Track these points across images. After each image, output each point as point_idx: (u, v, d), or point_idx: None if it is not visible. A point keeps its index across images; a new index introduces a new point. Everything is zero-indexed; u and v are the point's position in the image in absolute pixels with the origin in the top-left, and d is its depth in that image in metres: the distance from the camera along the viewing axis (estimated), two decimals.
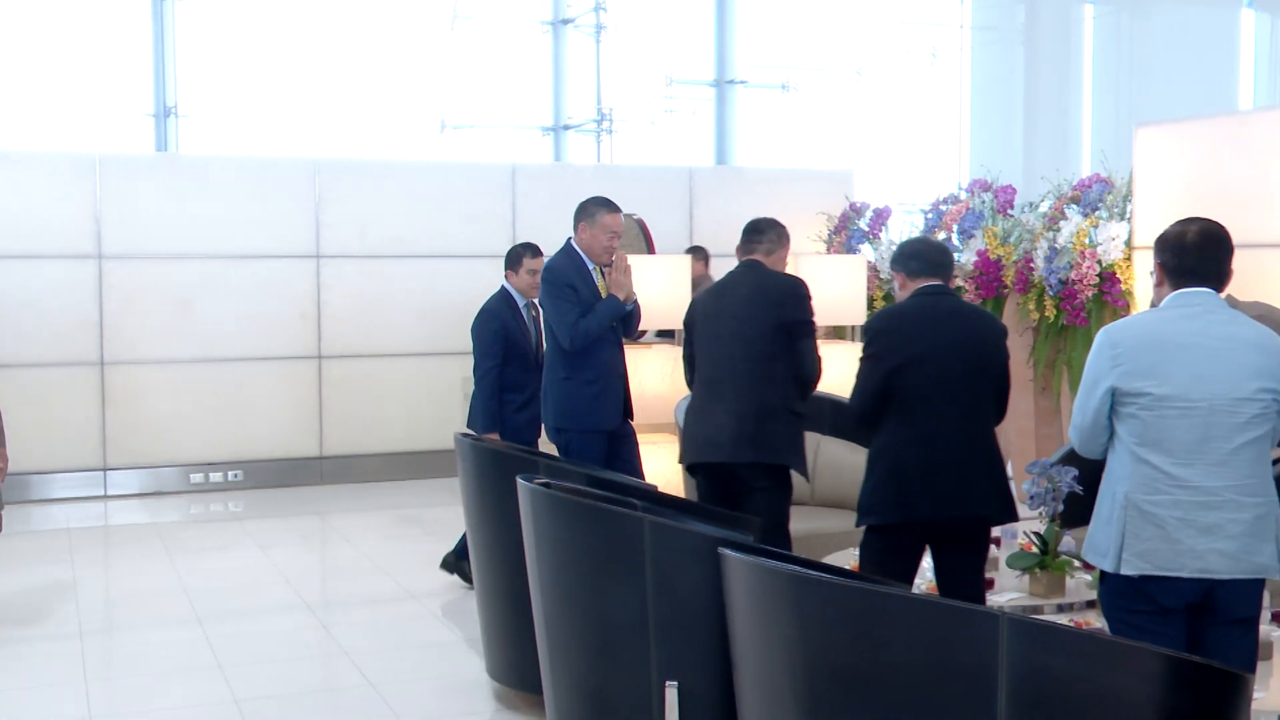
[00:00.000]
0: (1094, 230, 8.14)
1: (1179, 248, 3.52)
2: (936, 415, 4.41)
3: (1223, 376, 3.37)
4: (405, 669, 5.64)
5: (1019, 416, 9.03)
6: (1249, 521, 3.38)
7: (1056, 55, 14.13)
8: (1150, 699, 2.88)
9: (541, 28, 18.48)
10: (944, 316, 4.52)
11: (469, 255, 10.43)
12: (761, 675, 3.16)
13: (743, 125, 17.06)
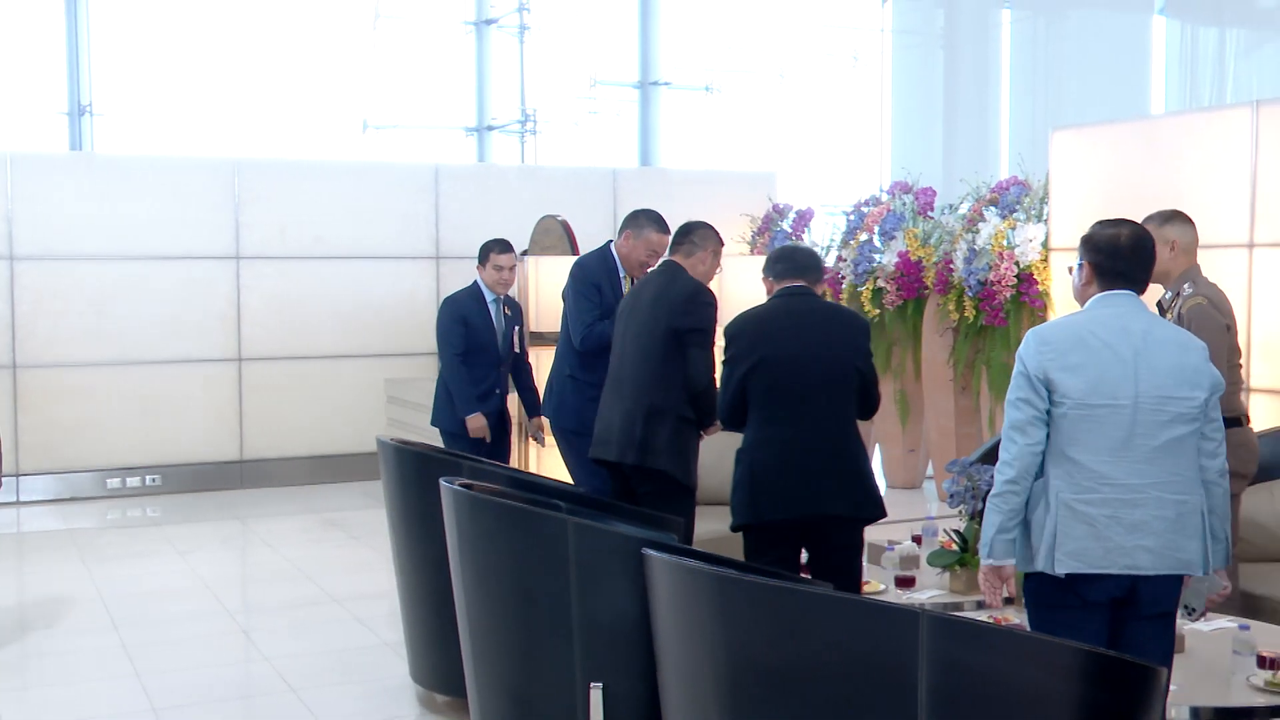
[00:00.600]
0: (1012, 232, 8.26)
1: (1113, 250, 3.57)
2: (791, 415, 4.46)
3: (1147, 376, 3.44)
4: (328, 674, 5.58)
5: (940, 416, 9.14)
6: (1172, 519, 3.44)
7: (975, 59, 14.32)
8: (1068, 694, 2.93)
9: (465, 28, 18.40)
10: (801, 316, 4.55)
11: (391, 256, 10.35)
12: (685, 675, 3.17)
13: (667, 126, 17.10)
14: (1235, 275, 6.25)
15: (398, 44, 17.54)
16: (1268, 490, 5.38)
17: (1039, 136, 10.36)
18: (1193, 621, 4.30)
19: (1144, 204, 6.62)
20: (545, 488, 4.60)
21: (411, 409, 9.39)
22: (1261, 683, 3.80)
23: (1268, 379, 6.31)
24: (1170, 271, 4.94)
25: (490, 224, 10.48)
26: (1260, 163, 6.44)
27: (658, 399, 5.09)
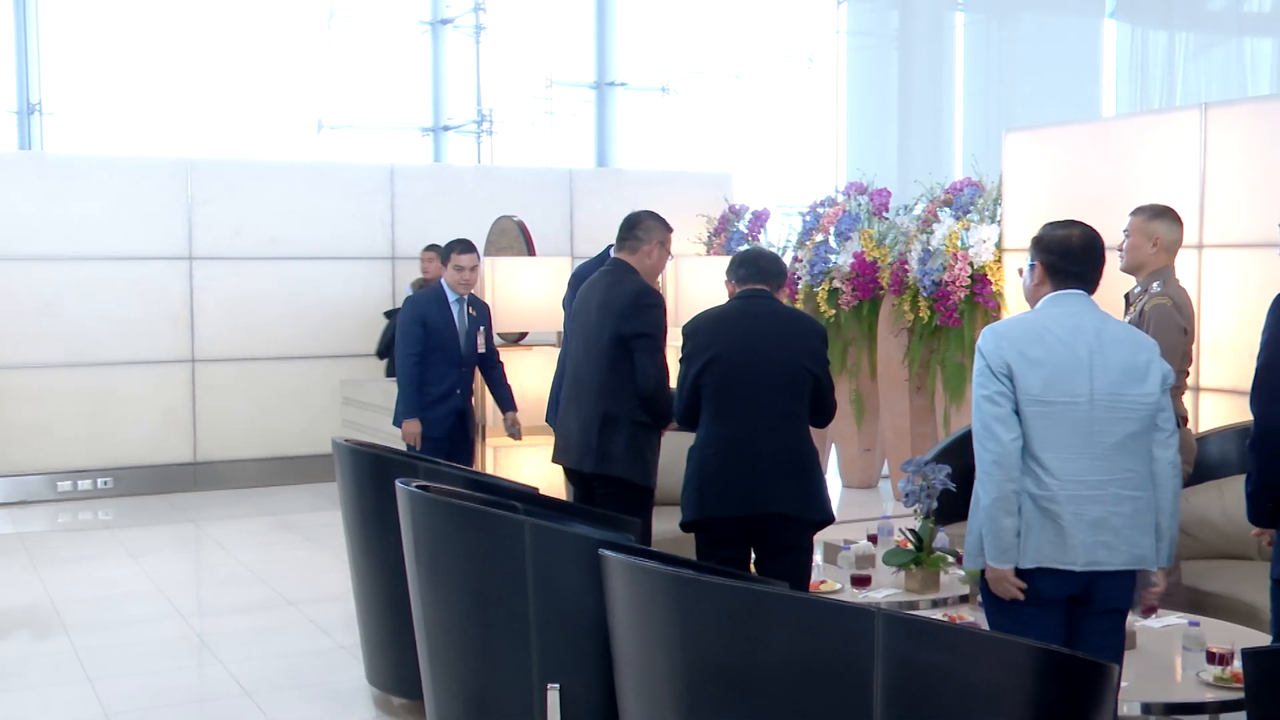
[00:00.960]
0: (965, 233, 8.32)
1: (1065, 251, 3.60)
2: (740, 415, 4.47)
3: (1101, 374, 3.47)
4: (283, 677, 5.54)
5: (895, 416, 9.19)
6: (1129, 514, 3.49)
7: (929, 61, 14.41)
8: (1022, 690, 2.95)
9: (420, 27, 18.33)
10: (757, 318, 4.56)
11: (347, 257, 10.30)
12: (642, 676, 3.17)
13: (623, 127, 17.10)
14: (1185, 276, 6.31)
15: (353, 43, 17.45)
16: (1216, 488, 5.45)
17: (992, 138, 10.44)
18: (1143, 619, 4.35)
19: (1096, 205, 6.69)
20: (502, 489, 4.59)
21: (367, 410, 9.35)
22: (1211, 678, 3.84)
23: (1217, 379, 6.39)
24: (1146, 265, 5.00)
25: (446, 225, 10.44)
26: (1209, 165, 6.52)
27: (611, 406, 5.06)
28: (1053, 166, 7.56)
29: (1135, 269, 5.05)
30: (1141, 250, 5.01)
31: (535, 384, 7.27)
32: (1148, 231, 5.01)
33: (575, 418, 5.18)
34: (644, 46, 17.21)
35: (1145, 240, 5.01)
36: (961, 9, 14.45)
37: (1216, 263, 6.47)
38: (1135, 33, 12.32)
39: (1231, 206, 6.43)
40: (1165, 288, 4.95)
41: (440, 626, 4.02)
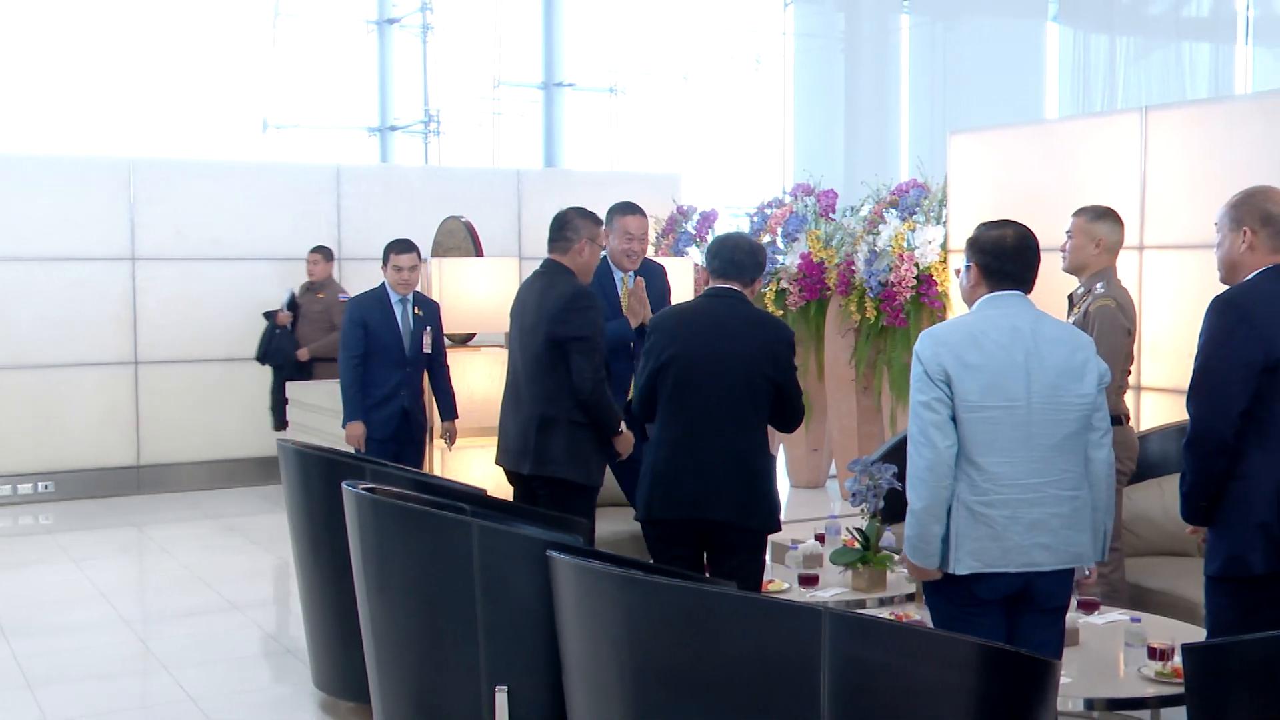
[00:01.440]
0: (911, 234, 8.38)
1: (999, 251, 3.61)
2: (692, 417, 4.44)
3: (1039, 375, 3.50)
4: (228, 682, 5.50)
5: (842, 416, 9.25)
6: (1067, 515, 3.52)
7: (875, 63, 14.51)
8: (966, 687, 2.98)
9: (366, 27, 18.23)
10: (721, 319, 4.49)
11: (292, 258, 10.21)
12: (590, 677, 3.17)
13: (571, 128, 17.09)
14: (1126, 277, 6.40)
15: (298, 43, 17.34)
16: (1157, 486, 5.52)
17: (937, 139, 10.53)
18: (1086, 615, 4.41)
19: (1039, 206, 6.76)
20: (450, 490, 4.58)
21: (313, 412, 9.28)
22: (1153, 673, 3.89)
23: (1157, 378, 6.48)
24: (1089, 266, 5.07)
25: (393, 225, 10.36)
26: (1149, 167, 6.61)
27: (548, 409, 5.05)
28: (997, 168, 7.63)
29: (1078, 270, 5.12)
30: (1084, 251, 5.08)
31: (484, 385, 7.25)
32: (1090, 233, 5.08)
33: (513, 420, 5.19)
34: (592, 47, 17.22)
35: (1088, 241, 5.08)
36: (907, 11, 14.56)
37: (1157, 263, 6.56)
38: (1077, 36, 12.46)
39: (1171, 208, 6.52)
40: (1109, 288, 5.01)
41: (388, 629, 4.00)
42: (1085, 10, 12.37)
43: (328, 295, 9.48)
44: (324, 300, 9.43)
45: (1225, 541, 3.59)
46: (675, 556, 4.49)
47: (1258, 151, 6.09)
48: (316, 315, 9.46)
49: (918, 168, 9.12)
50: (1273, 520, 3.49)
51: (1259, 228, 3.60)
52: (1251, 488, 3.53)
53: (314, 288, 9.55)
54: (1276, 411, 3.50)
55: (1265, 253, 3.61)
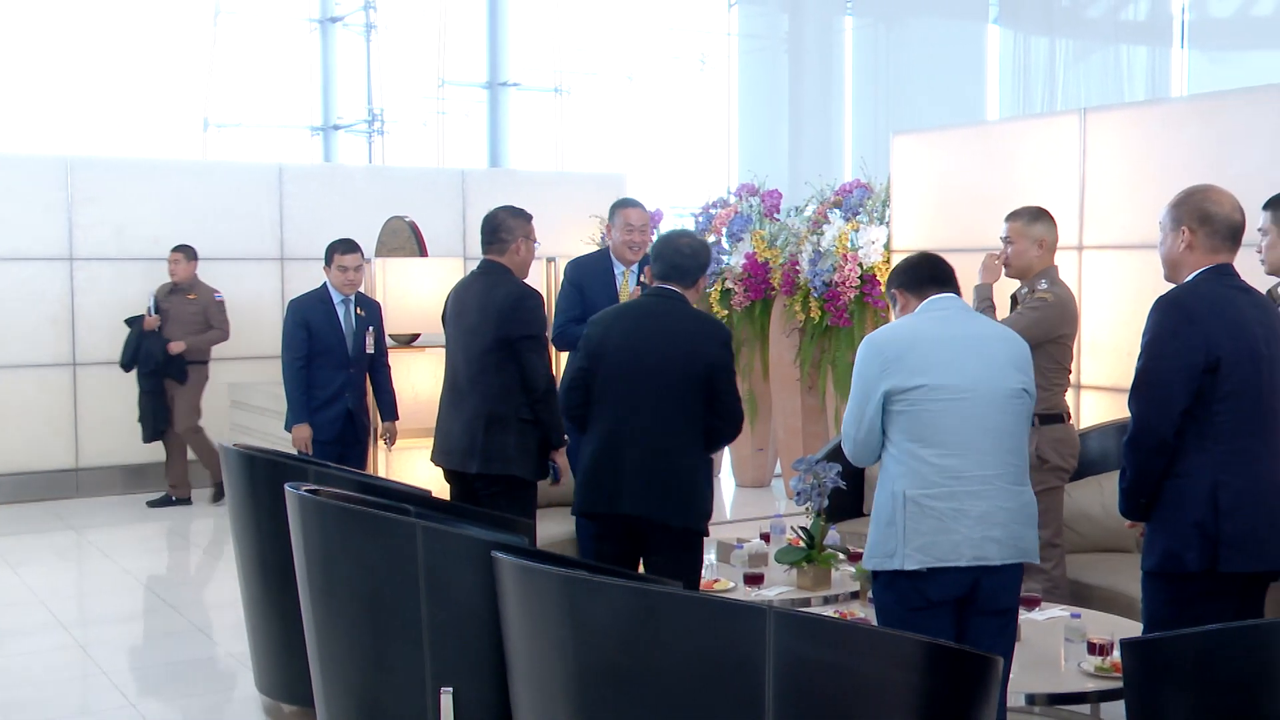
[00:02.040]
0: (855, 234, 8.43)
1: (909, 268, 3.77)
2: (620, 414, 4.45)
3: (982, 370, 3.56)
4: (170, 688, 5.44)
5: (787, 415, 9.29)
6: (1014, 509, 3.57)
7: (819, 64, 14.58)
8: (909, 685, 3.00)
9: (309, 25, 18.10)
10: (656, 318, 4.48)
11: (234, 258, 10.12)
12: (535, 678, 3.17)
13: (516, 128, 17.05)
14: (1066, 277, 6.48)
15: (240, 41, 17.18)
16: (1096, 483, 5.59)
17: (881, 140, 10.60)
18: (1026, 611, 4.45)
19: (980, 206, 6.84)
20: (394, 492, 4.55)
21: (256, 414, 9.20)
22: (1092, 668, 3.95)
23: (1097, 377, 6.56)
24: (1033, 268, 5.13)
25: (337, 225, 10.29)
26: (1088, 168, 6.69)
27: (496, 406, 5.06)
28: (939, 168, 7.69)
29: (1023, 273, 5.17)
30: (1028, 254, 5.14)
31: (428, 386, 7.21)
32: (1031, 235, 5.14)
33: (457, 420, 5.17)
34: (537, 47, 17.19)
35: (1030, 244, 5.13)
36: (850, 13, 14.65)
37: (1095, 263, 6.64)
38: (1017, 38, 12.59)
39: (1110, 209, 6.60)
40: (1053, 286, 5.07)
41: (331, 632, 3.97)
42: (1025, 13, 12.51)
43: (200, 296, 9.09)
44: (197, 301, 9.05)
45: (1161, 538, 3.65)
46: (609, 554, 4.50)
47: (1193, 153, 6.19)
48: (190, 317, 9.02)
49: (861, 168, 9.18)
50: (1207, 519, 3.55)
51: (1197, 227, 3.65)
52: (1188, 486, 3.58)
53: (180, 289, 9.10)
54: (1216, 411, 3.55)
55: (1204, 252, 3.66)
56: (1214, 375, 3.53)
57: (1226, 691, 2.87)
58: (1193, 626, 3.23)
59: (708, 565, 5.09)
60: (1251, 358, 3.56)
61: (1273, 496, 3.59)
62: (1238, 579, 3.58)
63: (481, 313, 5.10)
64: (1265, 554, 3.59)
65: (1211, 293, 3.61)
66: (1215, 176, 4.70)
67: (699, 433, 4.46)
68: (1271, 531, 3.58)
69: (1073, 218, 6.66)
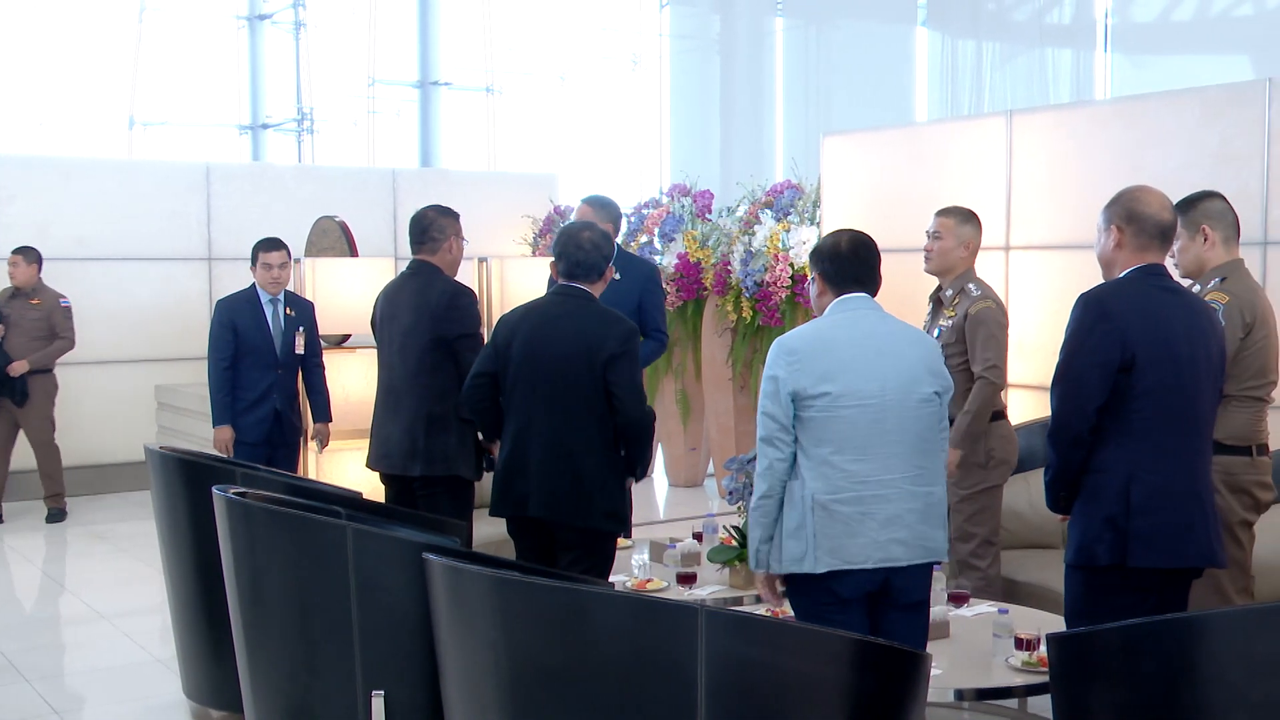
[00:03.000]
0: (786, 234, 8.48)
1: (835, 256, 3.72)
2: (524, 414, 4.42)
3: (891, 374, 3.59)
4: (96, 694, 5.36)
5: (720, 414, 9.33)
6: (921, 510, 3.61)
7: (750, 65, 14.65)
8: (838, 682, 3.03)
9: (237, 23, 17.90)
10: (558, 318, 4.43)
11: (160, 258, 9.99)
12: (467, 679, 3.16)
13: (447, 127, 16.98)
14: (993, 277, 6.56)
15: (166, 39, 16.96)
16: (1024, 480, 5.66)
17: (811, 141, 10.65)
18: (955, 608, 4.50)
19: (909, 207, 6.90)
20: (324, 494, 4.51)
21: (184, 415, 9.08)
22: (1019, 663, 4.00)
23: (1023, 375, 6.64)
24: (955, 268, 5.18)
25: (265, 225, 10.18)
26: (1015, 169, 6.78)
27: (435, 407, 5.06)
28: (869, 169, 7.76)
29: (944, 271, 5.22)
30: (954, 254, 5.19)
31: (359, 386, 7.15)
32: (960, 235, 5.19)
33: (395, 423, 5.14)
34: (468, 46, 17.13)
35: (958, 244, 5.19)
36: (781, 14, 14.73)
37: (1021, 264, 6.73)
38: (945, 41, 12.73)
39: (1035, 210, 6.69)
40: (984, 290, 5.14)
41: (260, 636, 3.93)
42: (952, 16, 12.64)
43: (45, 301, 8.66)
44: (41, 307, 8.62)
45: (1078, 531, 3.72)
46: (526, 550, 4.51)
47: (1117, 154, 6.29)
48: (32, 324, 8.57)
49: (792, 169, 9.23)
50: (1119, 513, 3.61)
51: (1125, 226, 3.72)
52: (1104, 481, 3.65)
53: (22, 294, 8.63)
54: (1133, 409, 3.61)
55: (1132, 250, 3.72)
56: (1130, 373, 3.59)
57: (1149, 684, 2.92)
58: (1109, 618, 3.30)
59: (640, 565, 5.10)
60: (1171, 357, 3.61)
61: (1186, 495, 3.66)
62: (1153, 574, 3.64)
63: (416, 313, 5.08)
64: (1176, 551, 3.65)
65: (1135, 291, 3.67)
66: (1137, 177, 4.79)
67: (605, 431, 4.42)
68: (1184, 529, 3.65)
69: (999, 218, 6.74)
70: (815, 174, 8.49)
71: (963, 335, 5.07)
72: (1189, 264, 4.40)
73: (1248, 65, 10.69)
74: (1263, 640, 2.82)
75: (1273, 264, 5.62)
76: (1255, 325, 4.26)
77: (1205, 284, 4.34)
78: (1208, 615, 3.00)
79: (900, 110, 12.92)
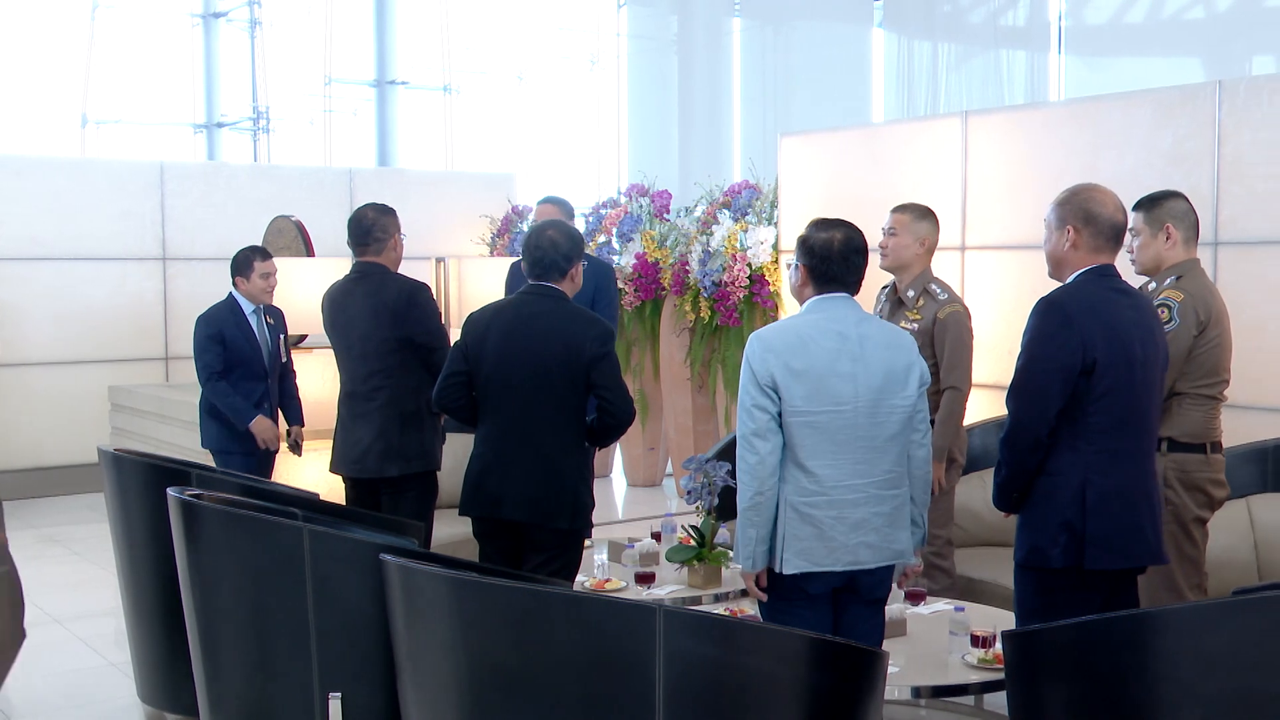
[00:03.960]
0: (744, 234, 8.50)
1: (826, 254, 3.67)
2: (504, 415, 4.40)
3: (865, 379, 3.58)
4: (51, 699, 5.30)
5: (678, 414, 9.34)
6: (889, 513, 3.63)
7: (708, 65, 14.66)
8: (797, 679, 3.05)
9: (192, 20, 17.75)
10: (529, 318, 4.40)
11: (113, 258, 9.89)
12: (425, 681, 3.15)
13: (404, 126, 16.91)
14: (949, 277, 6.61)
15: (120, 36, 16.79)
16: (980, 479, 5.70)
17: (769, 141, 10.69)
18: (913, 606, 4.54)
19: (866, 208, 6.93)
20: (280, 495, 4.48)
21: (138, 417, 9.00)
22: (975, 660, 4.03)
23: (978, 374, 6.66)
24: (912, 266, 5.21)
25: (220, 225, 10.15)
26: (970, 170, 6.83)
27: (407, 404, 5.06)
28: (825, 170, 7.80)
29: (900, 268, 5.24)
30: (910, 250, 5.21)
31: (315, 388, 7.11)
32: (916, 232, 5.21)
33: (365, 426, 5.11)
34: (425, 45, 17.06)
35: (914, 241, 5.21)
36: (738, 15, 14.76)
37: (977, 264, 6.78)
38: (901, 42, 12.79)
39: (991, 210, 6.74)
40: (949, 293, 5.17)
41: (216, 639, 3.91)
42: (908, 17, 12.71)
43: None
44: None
45: (1029, 533, 3.74)
46: (494, 552, 4.49)
47: (1070, 155, 6.35)
48: None
49: (750, 169, 9.26)
50: (1075, 518, 3.64)
51: (1082, 226, 3.72)
52: (1058, 484, 3.67)
53: None
54: (1090, 412, 3.63)
55: (1087, 251, 3.73)
56: (1090, 377, 3.61)
57: (1101, 680, 2.95)
58: (1060, 616, 3.33)
59: (599, 565, 5.10)
60: (1126, 360, 3.64)
61: (1139, 496, 3.70)
62: (1104, 574, 3.68)
63: (375, 315, 5.06)
64: (1129, 552, 3.69)
65: (1091, 295, 3.69)
66: (1090, 177, 4.83)
67: (580, 432, 4.43)
68: (1135, 530, 3.69)
69: (955, 219, 6.79)
70: (773, 174, 8.52)
71: (931, 339, 5.09)
72: (1148, 260, 4.43)
73: (1199, 67, 10.81)
74: (1212, 635, 2.86)
75: (1223, 264, 5.69)
76: (1209, 324, 4.31)
77: (1160, 282, 4.38)
78: (1158, 612, 3.03)
79: (857, 111, 12.97)
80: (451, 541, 5.81)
